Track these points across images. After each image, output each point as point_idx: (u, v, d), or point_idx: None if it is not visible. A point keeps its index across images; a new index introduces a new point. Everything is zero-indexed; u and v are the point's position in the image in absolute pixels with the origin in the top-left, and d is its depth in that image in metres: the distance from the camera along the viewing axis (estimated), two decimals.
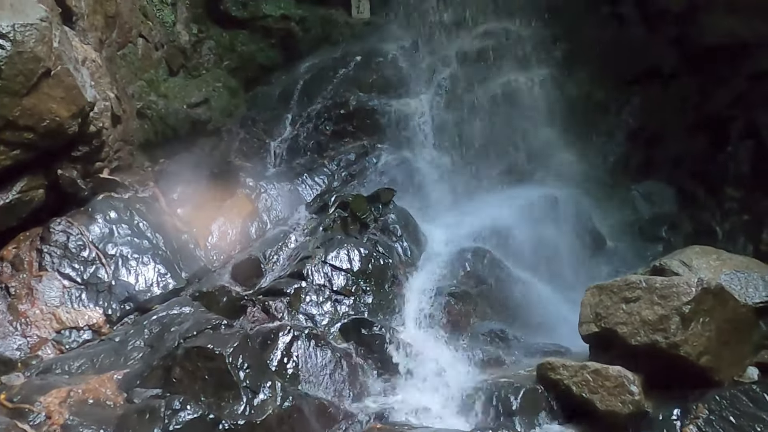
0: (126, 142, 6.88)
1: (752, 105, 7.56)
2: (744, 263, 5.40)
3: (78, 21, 6.45)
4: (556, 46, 8.59)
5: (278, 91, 8.79)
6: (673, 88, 8.36)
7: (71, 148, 5.77)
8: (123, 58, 7.53)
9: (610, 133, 8.29)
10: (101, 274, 5.36)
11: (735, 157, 7.50)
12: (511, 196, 7.28)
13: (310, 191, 7.18)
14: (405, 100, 8.16)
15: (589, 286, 4.54)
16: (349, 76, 8.39)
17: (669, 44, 8.52)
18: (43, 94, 5.10)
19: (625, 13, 8.85)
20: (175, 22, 8.64)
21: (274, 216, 6.65)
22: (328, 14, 9.40)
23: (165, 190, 6.31)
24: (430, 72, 8.46)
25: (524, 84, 8.18)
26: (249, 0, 9.10)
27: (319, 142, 7.88)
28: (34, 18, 4.96)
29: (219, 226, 6.31)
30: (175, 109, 7.96)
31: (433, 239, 6.67)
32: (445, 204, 7.42)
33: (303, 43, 9.25)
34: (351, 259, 5.80)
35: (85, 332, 5.08)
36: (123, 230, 5.63)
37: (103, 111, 6.13)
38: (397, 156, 7.59)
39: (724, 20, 8.03)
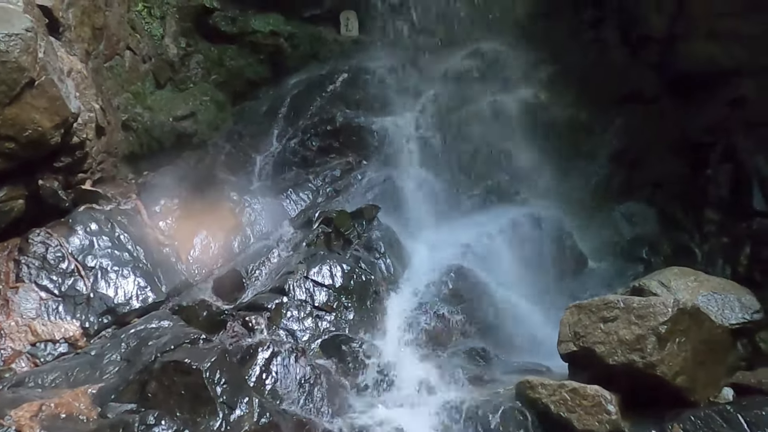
0: (110, 154, 6.85)
1: (731, 130, 7.72)
2: (721, 285, 5.49)
3: (65, 32, 6.44)
4: (540, 68, 8.75)
5: (265, 106, 8.84)
6: (654, 112, 8.53)
7: (53, 159, 5.73)
8: (110, 70, 7.53)
9: (593, 155, 8.41)
10: (79, 286, 5.29)
11: (714, 181, 7.63)
12: (495, 215, 7.34)
13: (294, 206, 7.17)
14: (391, 117, 8.23)
15: (569, 305, 4.57)
16: (336, 92, 8.46)
17: (650, 69, 8.71)
18: (26, 104, 5.08)
19: (607, 38, 9.05)
20: (164, 35, 8.67)
21: (258, 230, 6.62)
22: (317, 31, 9.50)
23: (148, 203, 6.27)
24: (417, 91, 8.57)
25: (509, 104, 8.30)
26: (238, 15, 9.16)
27: (305, 158, 7.90)
28: (19, 28, 4.95)
29: (201, 239, 6.26)
30: (161, 121, 7.95)
31: (416, 256, 6.69)
32: (429, 221, 7.45)
33: (291, 60, 9.32)
34: (333, 275, 5.79)
35: (61, 345, 5.00)
36: (103, 242, 5.57)
37: (87, 122, 6.10)
38: (382, 173, 7.62)
39: (704, 47, 8.23)
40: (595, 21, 9.12)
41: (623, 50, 8.93)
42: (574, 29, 9.09)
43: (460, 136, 8.07)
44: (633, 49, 8.88)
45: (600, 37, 9.03)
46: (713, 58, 8.21)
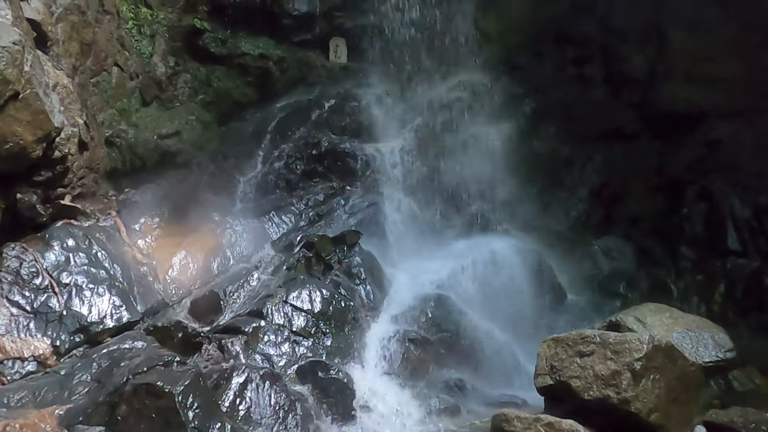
0: (91, 170, 6.77)
1: (707, 171, 7.96)
2: (695, 322, 5.58)
3: (53, 46, 6.42)
4: (524, 101, 8.94)
5: (252, 127, 8.84)
6: (633, 149, 8.75)
7: (33, 172, 5.65)
8: (96, 86, 7.50)
9: (573, 189, 8.57)
10: (53, 303, 5.18)
11: (690, 219, 7.82)
12: (476, 245, 7.40)
13: (276, 229, 7.14)
14: (376, 144, 8.31)
15: (546, 338, 4.59)
16: (322, 117, 8.52)
17: (631, 107, 8.96)
18: (8, 117, 5.03)
19: (590, 75, 9.29)
20: (153, 53, 8.67)
21: (238, 252, 6.57)
22: (306, 56, 9.58)
23: (127, 220, 6.20)
24: (403, 119, 8.67)
25: (492, 136, 8.44)
26: (228, 37, 9.21)
27: (289, 181, 7.90)
28: (6, 41, 4.93)
29: (180, 259, 6.20)
30: (145, 139, 7.91)
31: (396, 284, 6.69)
32: (411, 249, 7.48)
33: (279, 83, 9.37)
34: (312, 300, 5.76)
35: (30, 363, 4.87)
36: (80, 259, 5.48)
37: (70, 137, 6.05)
38: (366, 199, 7.66)
39: (683, 89, 8.50)
40: (578, 59, 9.37)
41: (605, 88, 9.18)
42: (557, 66, 9.33)
43: (444, 165, 8.17)
44: (614, 87, 9.13)
45: (583, 75, 9.27)
46: (691, 100, 8.48)
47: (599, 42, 9.23)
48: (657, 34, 8.76)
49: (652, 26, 8.79)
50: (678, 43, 8.59)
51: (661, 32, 8.72)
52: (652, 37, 8.79)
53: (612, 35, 9.08)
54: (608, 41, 9.14)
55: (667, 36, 8.67)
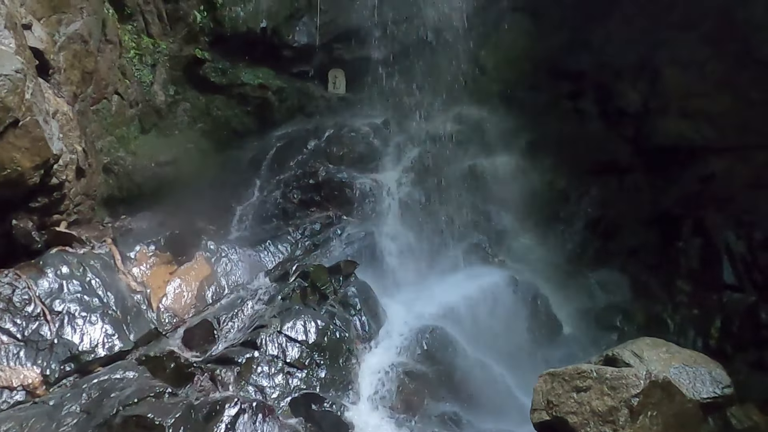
0: (88, 196, 6.78)
1: (701, 205, 7.99)
2: (693, 357, 5.51)
3: (54, 74, 6.50)
4: (520, 134, 9.03)
5: (249, 156, 8.90)
6: (629, 183, 8.81)
7: (30, 199, 5.66)
8: (96, 113, 7.57)
9: (569, 221, 8.60)
10: (44, 331, 5.12)
11: (685, 253, 7.83)
12: (472, 276, 7.38)
13: (272, 258, 7.12)
14: (374, 175, 8.35)
15: (542, 373, 4.54)
16: (320, 147, 8.58)
17: (625, 141, 9.05)
18: (7, 144, 5.05)
19: (585, 109, 9.42)
20: (153, 82, 8.77)
21: (233, 281, 6.53)
22: (305, 87, 9.71)
23: (122, 248, 6.17)
24: (400, 150, 8.75)
25: (489, 168, 8.51)
26: (229, 67, 9.33)
27: (286, 210, 7.91)
28: (9, 69, 4.98)
29: (174, 288, 6.15)
30: (143, 166, 7.95)
31: (392, 315, 6.64)
32: (407, 280, 7.45)
33: (278, 113, 9.47)
34: (307, 331, 5.71)
35: (19, 393, 4.78)
36: (73, 286, 5.44)
37: (68, 164, 6.07)
38: (362, 229, 7.66)
39: (676, 124, 8.61)
40: (574, 93, 9.51)
41: (600, 122, 9.29)
42: (553, 100, 9.46)
43: (441, 196, 8.20)
44: (609, 121, 9.24)
45: (578, 109, 9.40)
46: (684, 135, 8.57)
47: (594, 77, 9.38)
48: (651, 70, 8.90)
49: (645, 62, 8.95)
50: (671, 79, 8.73)
51: (654, 68, 8.87)
52: (646, 73, 8.94)
53: (607, 70, 9.23)
54: (603, 76, 9.29)
55: (661, 72, 8.81)
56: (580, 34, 9.55)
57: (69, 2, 6.80)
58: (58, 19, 6.65)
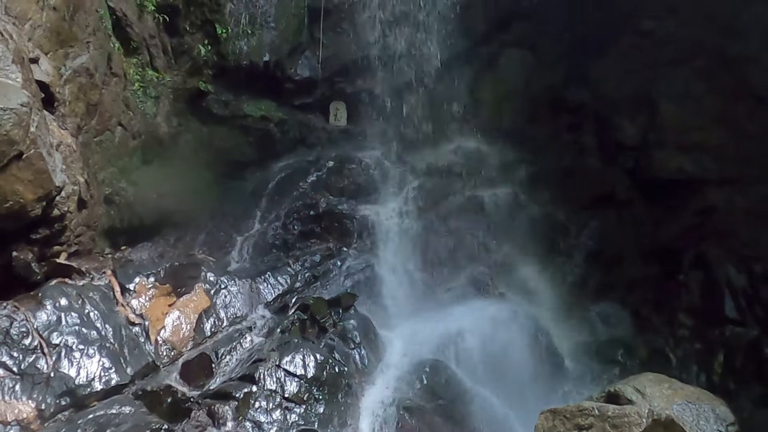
0: (89, 227, 6.78)
1: (701, 238, 7.99)
2: (695, 394, 5.44)
3: (59, 107, 6.56)
4: (519, 167, 9.11)
5: (251, 187, 8.96)
6: (628, 215, 8.84)
7: (31, 230, 5.65)
8: (99, 144, 7.61)
9: (570, 254, 8.60)
10: (41, 364, 5.06)
11: (686, 286, 7.81)
12: (473, 309, 7.34)
13: (271, 290, 7.09)
14: (374, 206, 8.39)
15: (543, 410, 4.49)
16: (321, 179, 8.64)
17: (624, 173, 9.12)
18: (11, 176, 5.07)
19: (584, 142, 9.51)
20: (156, 113, 8.86)
21: (232, 313, 6.50)
22: (307, 119, 9.82)
23: (122, 279, 6.15)
24: (400, 182, 8.81)
25: (489, 200, 8.54)
26: (231, 100, 9.45)
27: (286, 241, 7.92)
28: (15, 103, 5.04)
29: (173, 320, 6.11)
30: (144, 197, 7.97)
31: (391, 348, 6.60)
32: (407, 312, 7.42)
33: (280, 144, 9.57)
34: (306, 365, 5.65)
35: (13, 428, 4.70)
36: (72, 319, 5.40)
37: (70, 195, 6.09)
38: (362, 260, 7.66)
39: (674, 157, 8.68)
40: (572, 126, 9.62)
41: (599, 155, 9.37)
42: (552, 132, 9.56)
43: (441, 228, 8.23)
44: (608, 154, 9.33)
45: (577, 141, 9.49)
46: (683, 168, 8.64)
47: (592, 110, 9.51)
48: (648, 104, 9.03)
49: (643, 96, 9.07)
50: (668, 113, 8.84)
51: (651, 102, 8.99)
52: (644, 107, 9.06)
53: (605, 104, 9.36)
54: (601, 109, 9.42)
55: (658, 106, 8.93)
56: (577, 69, 9.71)
57: (76, 36, 6.90)
58: (65, 53, 6.75)
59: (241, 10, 9.02)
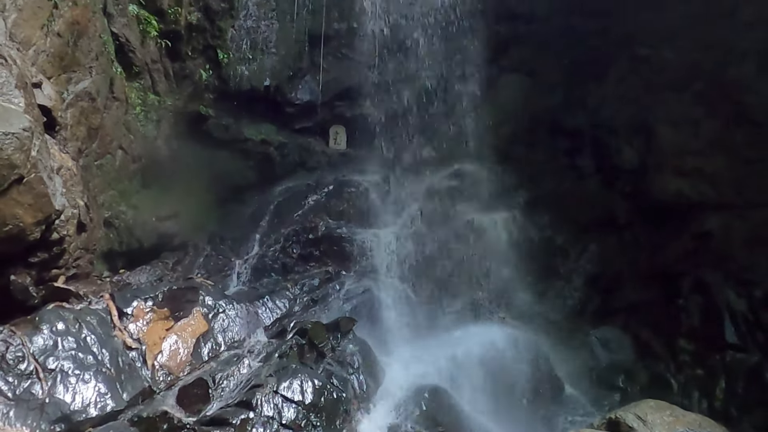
0: (87, 251, 6.77)
1: (700, 262, 7.97)
2: (697, 421, 5.40)
3: (61, 130, 6.61)
4: (518, 190, 9.14)
5: (250, 210, 8.97)
6: (627, 239, 8.82)
7: (29, 254, 5.64)
8: (99, 168, 7.64)
9: (569, 278, 8.58)
10: (36, 389, 5.01)
11: (687, 311, 7.76)
12: (472, 334, 7.31)
13: (270, 314, 7.06)
14: (373, 230, 8.40)
15: None
16: (320, 202, 8.67)
17: (623, 197, 9.13)
18: (11, 200, 5.08)
19: (582, 166, 9.55)
20: (157, 137, 8.91)
21: (230, 338, 6.45)
22: (307, 142, 9.89)
23: (120, 303, 6.12)
24: (400, 205, 8.83)
25: (488, 224, 8.55)
26: (232, 124, 9.53)
27: (285, 265, 7.92)
28: (17, 127, 5.07)
29: (170, 344, 6.07)
30: (144, 220, 7.98)
31: (390, 373, 6.54)
32: (406, 337, 7.37)
33: (280, 167, 9.62)
34: (304, 391, 5.60)
35: None
36: (68, 343, 5.36)
37: (69, 218, 6.09)
38: (361, 285, 7.64)
39: (672, 181, 8.70)
40: (571, 150, 9.67)
41: (597, 179, 9.40)
42: (550, 156, 9.61)
43: (440, 252, 8.22)
44: (606, 178, 9.35)
45: (575, 165, 9.53)
46: (682, 192, 8.65)
47: (590, 134, 9.56)
48: (646, 129, 9.07)
49: (640, 121, 9.13)
50: (666, 137, 8.88)
51: (649, 127, 9.04)
52: (641, 131, 9.11)
53: (603, 128, 9.42)
54: (599, 134, 9.47)
55: (656, 130, 8.98)
56: (575, 93, 9.80)
57: (79, 61, 6.98)
58: (67, 77, 6.82)
59: (243, 36, 9.15)
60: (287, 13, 9.46)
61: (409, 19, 9.66)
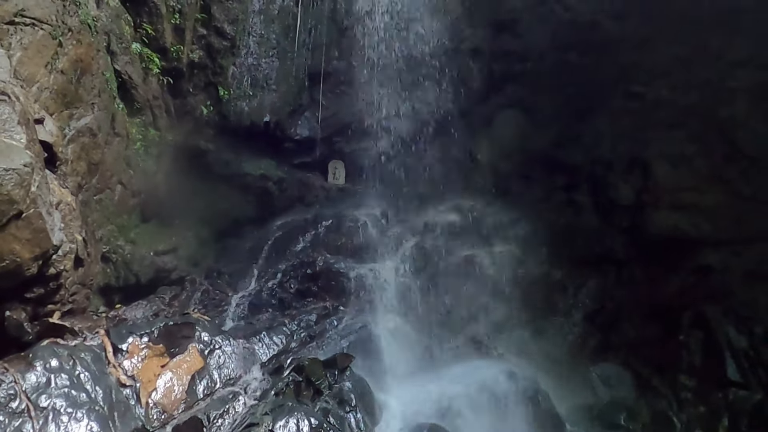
0: (84, 285, 6.75)
1: (700, 297, 7.95)
2: None
3: (61, 166, 6.65)
4: (516, 225, 9.16)
5: (248, 245, 8.97)
6: (626, 274, 8.82)
7: (25, 289, 5.62)
8: (99, 203, 7.67)
9: (568, 313, 8.53)
10: (27, 428, 4.90)
11: (687, 347, 7.70)
12: (471, 370, 7.21)
13: (266, 350, 6.97)
14: (371, 265, 8.38)
15: None
16: (319, 237, 8.67)
17: (621, 233, 9.16)
18: (9, 235, 5.09)
19: (579, 201, 9.60)
20: (157, 171, 8.97)
21: (225, 375, 6.35)
22: (305, 177, 9.95)
23: (115, 339, 6.05)
24: (398, 240, 8.84)
25: (486, 259, 8.54)
26: (231, 158, 9.60)
27: (282, 300, 7.87)
28: (17, 163, 5.11)
29: (165, 381, 5.97)
30: (142, 255, 7.97)
31: (388, 411, 6.43)
32: (404, 373, 7.28)
33: (278, 202, 9.66)
34: (300, 430, 5.48)
35: None
36: (61, 381, 5.28)
37: (67, 253, 6.08)
38: (359, 320, 7.57)
39: (669, 217, 8.75)
40: (567, 185, 9.73)
41: (594, 214, 9.44)
42: (547, 191, 9.68)
43: (439, 287, 8.19)
44: (604, 213, 9.40)
45: (572, 201, 9.58)
46: (679, 227, 8.69)
47: (587, 170, 9.64)
48: (641, 165, 9.17)
49: (636, 157, 9.24)
50: (661, 173, 8.97)
51: (644, 163, 9.14)
52: (637, 167, 9.20)
53: (599, 164, 9.51)
54: (595, 169, 9.55)
55: (651, 166, 9.08)
56: (571, 129, 9.93)
57: (81, 98, 7.08)
58: (69, 113, 6.91)
59: (244, 73, 9.31)
60: (287, 51, 9.64)
61: (407, 56, 9.85)
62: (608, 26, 9.63)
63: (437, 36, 9.85)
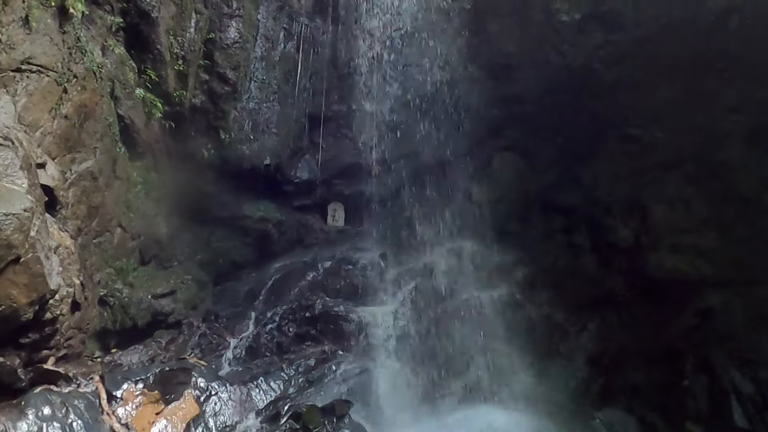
0: (80, 330, 6.67)
1: (703, 341, 7.83)
2: None
3: (61, 209, 6.68)
4: (516, 268, 9.12)
5: (246, 288, 8.92)
6: (627, 317, 8.71)
7: (20, 334, 5.55)
8: (98, 246, 7.66)
9: (570, 356, 8.39)
10: None
11: (692, 392, 7.53)
12: (472, 417, 7.08)
13: (263, 396, 6.85)
14: (370, 308, 8.32)
15: None
16: (317, 280, 8.63)
17: (621, 275, 9.09)
18: (6, 280, 5.06)
19: (578, 243, 9.58)
20: (157, 214, 8.99)
21: (221, 422, 6.23)
22: (305, 219, 9.99)
23: (110, 386, 5.97)
24: (397, 283, 8.79)
25: (486, 302, 8.47)
26: (231, 200, 9.65)
27: (280, 344, 7.77)
28: (18, 208, 5.13)
29: (160, 429, 5.85)
30: (139, 298, 7.91)
31: None
32: (404, 421, 7.13)
33: (277, 244, 9.66)
34: None
35: None
36: (53, 429, 5.16)
37: (64, 298, 6.04)
38: (358, 365, 7.47)
39: (669, 259, 8.71)
40: (566, 227, 9.74)
41: (594, 256, 9.40)
42: (546, 233, 9.67)
43: (438, 330, 8.10)
44: (603, 255, 9.36)
45: (571, 243, 9.56)
46: (678, 269, 8.63)
47: (585, 212, 9.66)
48: (639, 207, 9.18)
49: (634, 199, 9.26)
50: (659, 215, 8.98)
51: (642, 205, 9.15)
52: (635, 210, 9.21)
53: (597, 207, 9.52)
54: (594, 212, 9.56)
55: (649, 209, 9.09)
56: (569, 172, 10.00)
57: (84, 142, 7.16)
58: (72, 158, 6.97)
59: (245, 117, 9.44)
60: (288, 96, 9.81)
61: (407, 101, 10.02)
62: (602, 71, 9.83)
63: (436, 81, 10.04)
